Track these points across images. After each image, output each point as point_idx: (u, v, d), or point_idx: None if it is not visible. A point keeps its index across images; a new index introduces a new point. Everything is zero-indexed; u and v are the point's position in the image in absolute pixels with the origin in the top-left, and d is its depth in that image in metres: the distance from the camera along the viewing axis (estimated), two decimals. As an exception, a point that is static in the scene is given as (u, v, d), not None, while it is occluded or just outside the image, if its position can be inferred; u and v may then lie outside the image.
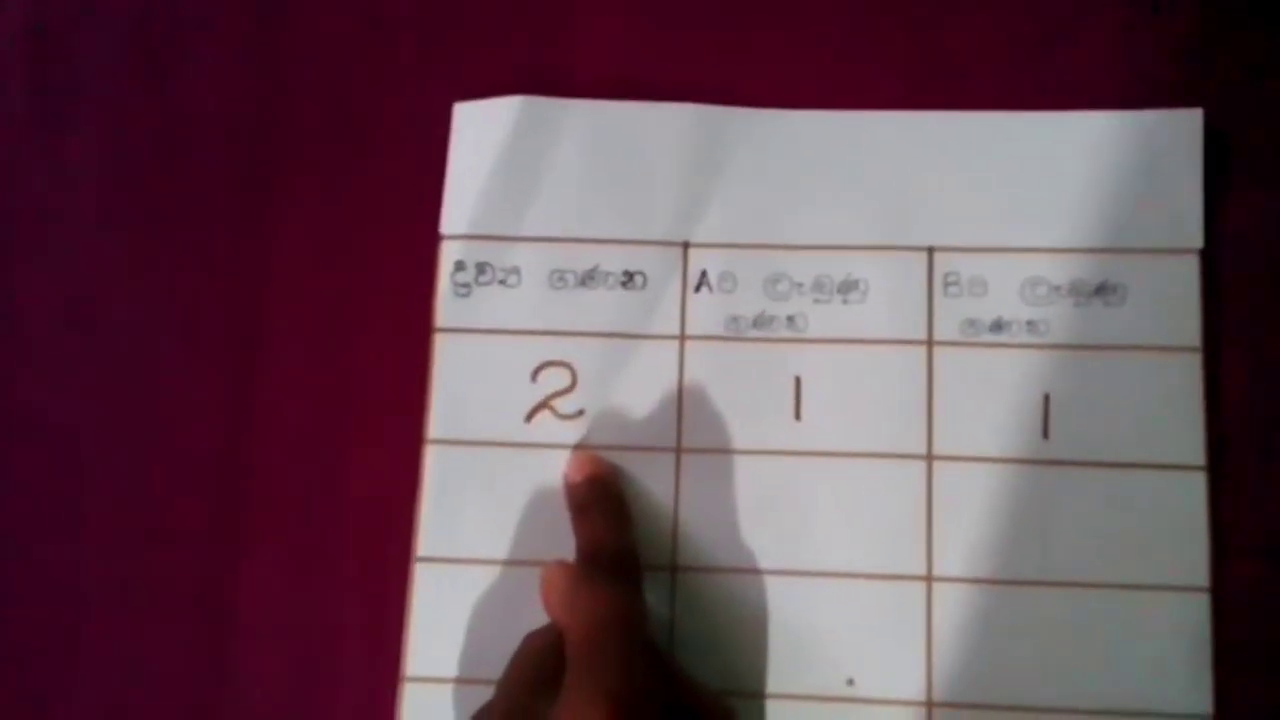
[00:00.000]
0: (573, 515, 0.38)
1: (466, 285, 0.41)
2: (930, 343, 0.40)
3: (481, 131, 0.42)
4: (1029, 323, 0.40)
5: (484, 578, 0.39)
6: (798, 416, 0.40)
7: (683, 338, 0.41)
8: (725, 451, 0.40)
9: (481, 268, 0.41)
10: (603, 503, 0.38)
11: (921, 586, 0.38)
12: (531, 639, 0.34)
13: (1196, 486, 0.38)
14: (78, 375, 0.42)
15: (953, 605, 0.38)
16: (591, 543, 0.36)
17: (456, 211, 0.42)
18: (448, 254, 0.41)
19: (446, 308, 0.41)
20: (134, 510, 0.41)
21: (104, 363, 0.42)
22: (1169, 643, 0.37)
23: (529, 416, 0.40)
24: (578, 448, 0.40)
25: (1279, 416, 0.39)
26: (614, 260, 0.41)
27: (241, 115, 0.44)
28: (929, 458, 0.39)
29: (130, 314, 0.43)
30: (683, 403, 0.40)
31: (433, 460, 0.40)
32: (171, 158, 0.44)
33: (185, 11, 0.44)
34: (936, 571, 0.38)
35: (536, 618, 0.35)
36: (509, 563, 0.39)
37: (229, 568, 0.40)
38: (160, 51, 0.44)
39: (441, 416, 0.41)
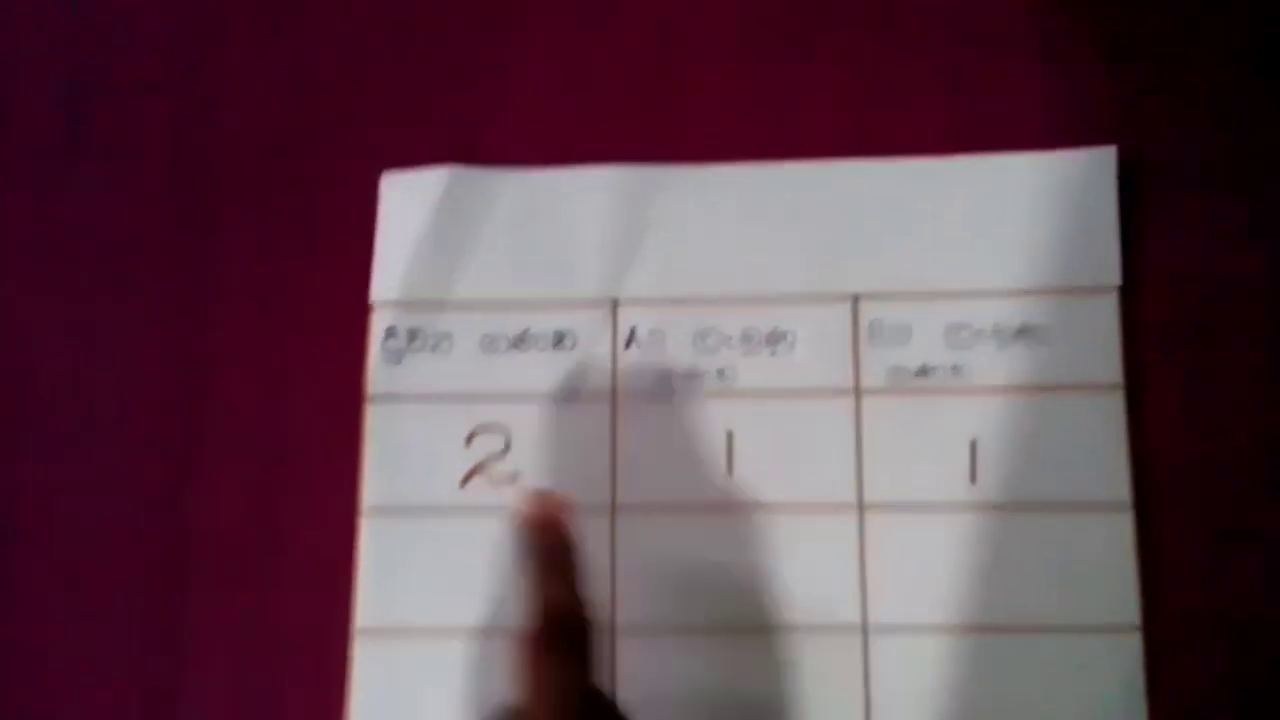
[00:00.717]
0: (523, 563, 0.35)
1: (398, 352, 0.41)
2: (858, 391, 0.40)
3: (410, 201, 0.42)
4: (954, 367, 0.40)
5: (425, 646, 0.40)
6: (730, 470, 0.40)
7: (614, 396, 0.41)
8: (660, 509, 0.40)
9: (413, 334, 0.42)
10: (552, 551, 0.35)
11: (858, 636, 0.38)
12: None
13: (1124, 525, 0.38)
14: (15, 445, 0.42)
15: (890, 653, 0.38)
16: (544, 600, 0.33)
17: (387, 279, 0.42)
18: (379, 321, 0.42)
19: (378, 375, 0.41)
20: (71, 580, 0.41)
21: (41, 432, 0.43)
22: (1103, 683, 0.37)
23: (464, 482, 0.41)
24: (533, 490, 0.38)
25: (1203, 451, 0.39)
26: (544, 322, 0.41)
27: (173, 187, 0.44)
28: (860, 507, 0.39)
29: (66, 384, 0.43)
30: (616, 461, 0.40)
31: (369, 529, 0.40)
32: (104, 231, 0.44)
33: (115, 82, 0.45)
34: (872, 620, 0.39)
35: (478, 685, 0.36)
36: (449, 630, 0.40)
37: (169, 640, 0.41)
38: (91, 125, 0.44)
39: (376, 485, 0.41)
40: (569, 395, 0.41)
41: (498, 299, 0.42)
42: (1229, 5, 0.42)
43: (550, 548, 0.34)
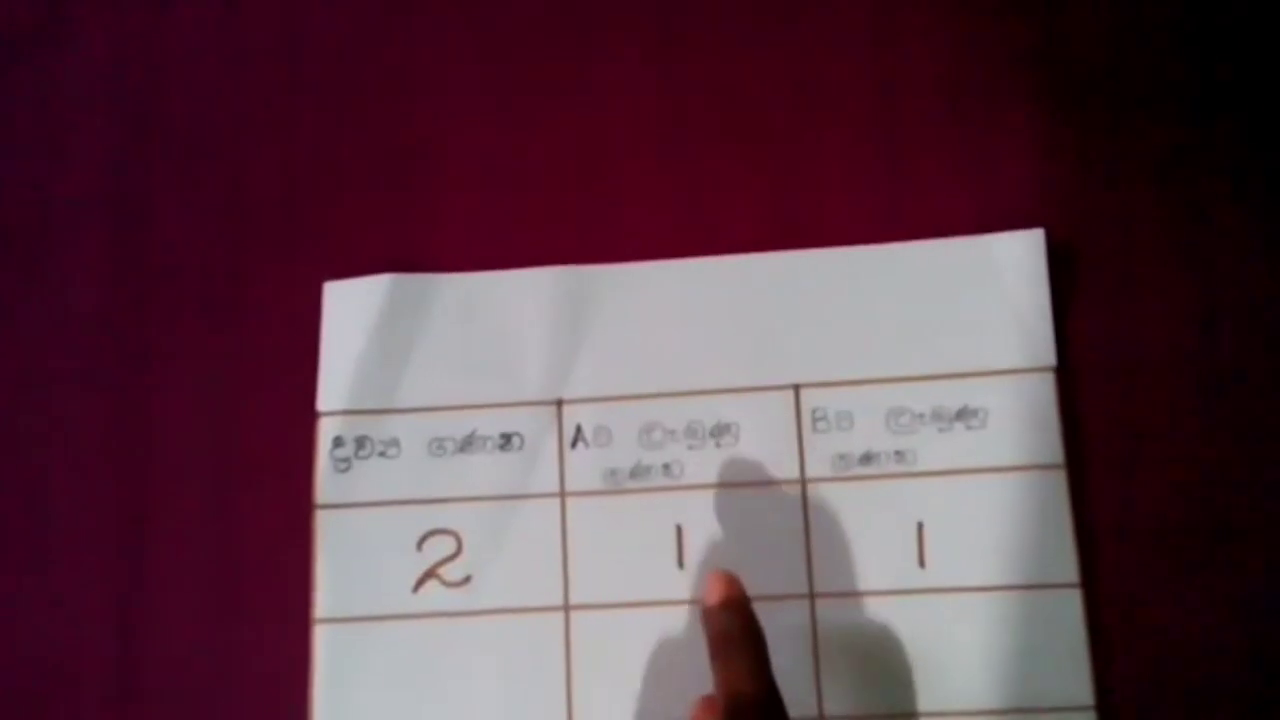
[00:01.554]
0: (710, 647, 0.35)
1: (346, 460, 0.42)
2: (803, 480, 0.40)
3: (352, 309, 0.43)
4: (897, 453, 0.40)
5: (383, 756, 0.39)
6: (680, 564, 0.40)
7: (563, 494, 0.41)
8: (612, 606, 0.40)
9: (360, 442, 0.42)
10: (741, 637, 0.34)
11: (814, 728, 0.38)
12: None
13: (1073, 604, 0.39)
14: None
15: (847, 744, 0.38)
16: (733, 687, 0.34)
17: (332, 388, 0.42)
18: (326, 430, 0.42)
19: (327, 484, 0.42)
20: (21, 690, 0.41)
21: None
22: (1060, 765, 0.37)
23: (416, 586, 0.41)
24: (713, 570, 0.36)
25: (1148, 528, 0.39)
26: (490, 424, 0.42)
27: (113, 303, 0.44)
28: (811, 596, 0.39)
29: (14, 489, 0.43)
30: (568, 560, 0.40)
31: (322, 640, 0.40)
32: (50, 346, 0.44)
33: (56, 191, 0.46)
34: (828, 712, 0.39)
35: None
36: (407, 738, 0.39)
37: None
38: (29, 238, 0.45)
39: (328, 594, 0.41)
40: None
41: (444, 403, 0.42)
42: (1155, 90, 0.43)
43: (737, 630, 0.34)
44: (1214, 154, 0.42)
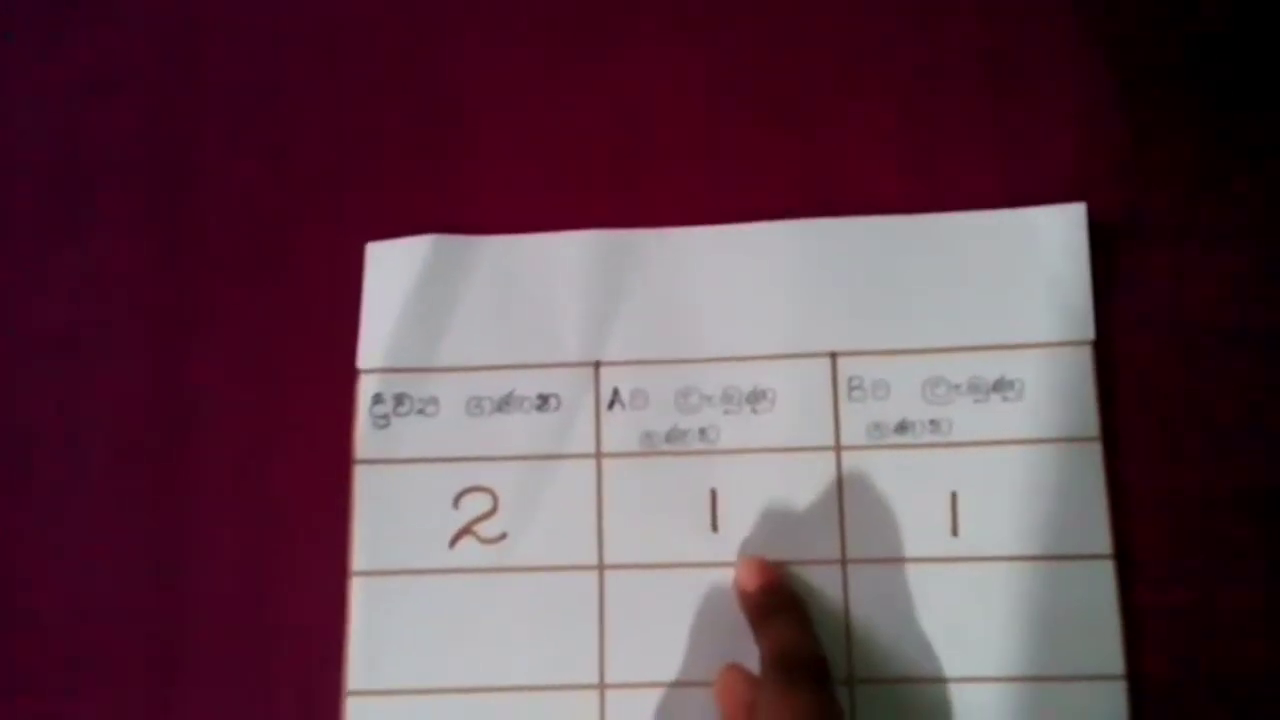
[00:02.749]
0: (754, 623, 0.37)
1: (385, 417, 0.42)
2: (838, 447, 0.41)
3: (394, 269, 0.43)
4: (932, 422, 0.40)
5: (417, 708, 0.40)
6: (714, 528, 0.40)
7: (599, 455, 0.41)
8: (646, 567, 0.40)
9: (399, 399, 0.42)
10: (786, 607, 0.37)
11: (844, 690, 0.39)
12: None
13: (1106, 574, 0.39)
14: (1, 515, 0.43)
15: (875, 706, 0.39)
16: (780, 647, 0.35)
17: (373, 347, 0.43)
18: (366, 388, 0.43)
19: (366, 440, 0.42)
20: (62, 648, 0.42)
21: (31, 492, 0.43)
22: (1089, 733, 0.38)
23: (452, 542, 0.41)
24: (744, 557, 0.39)
25: (1180, 501, 0.40)
26: (528, 384, 0.42)
27: (158, 262, 0.45)
28: (843, 562, 0.40)
29: (56, 451, 0.43)
30: (602, 520, 0.41)
31: (359, 592, 0.41)
32: (91, 302, 0.45)
33: (97, 162, 0.46)
34: (858, 673, 0.39)
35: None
36: (441, 690, 0.40)
37: (161, 707, 0.41)
38: (75, 197, 0.45)
39: (365, 548, 0.41)
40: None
41: (482, 363, 0.42)
42: (1196, 62, 0.43)
43: (781, 604, 0.37)
44: (1256, 131, 0.42)
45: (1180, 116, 0.42)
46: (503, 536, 0.41)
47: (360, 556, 0.41)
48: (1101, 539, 0.39)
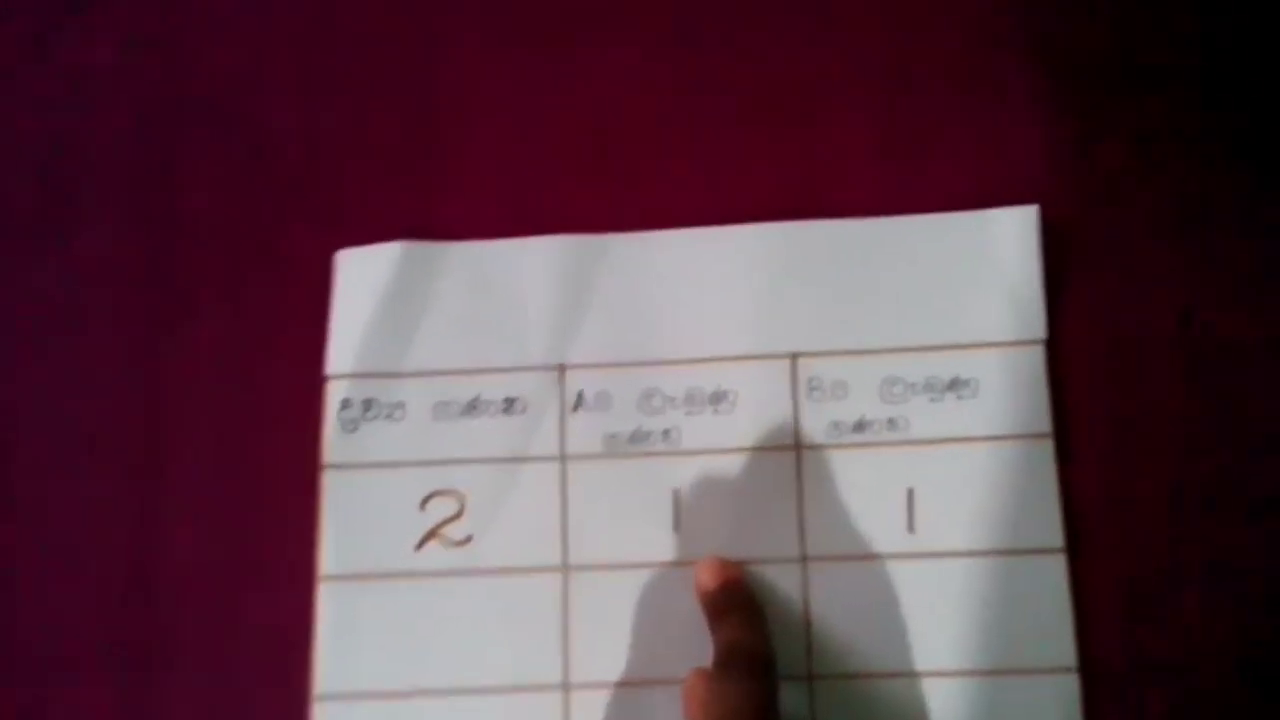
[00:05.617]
0: (710, 621, 0.38)
1: (353, 421, 0.43)
2: (798, 447, 0.41)
3: (363, 276, 0.44)
4: (889, 421, 0.41)
5: (385, 711, 0.40)
6: (677, 528, 0.41)
7: (563, 458, 0.42)
8: (610, 567, 0.41)
9: (367, 404, 0.43)
10: (738, 606, 0.38)
11: (803, 686, 0.39)
12: None
13: (1058, 568, 0.40)
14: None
15: (835, 702, 0.39)
16: (728, 644, 0.36)
17: (342, 352, 0.43)
18: (334, 393, 0.43)
19: (334, 444, 0.43)
20: (32, 650, 0.42)
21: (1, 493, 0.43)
22: (1043, 725, 0.38)
23: (419, 546, 0.42)
24: (704, 557, 0.40)
25: (1133, 497, 0.40)
26: (495, 388, 0.43)
27: (130, 264, 0.45)
28: (803, 559, 0.40)
29: (28, 453, 0.44)
30: (566, 521, 0.41)
31: (327, 596, 0.41)
32: (65, 304, 0.45)
33: (75, 164, 0.47)
34: (816, 670, 0.40)
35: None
36: (408, 693, 0.40)
37: (131, 710, 0.41)
38: (53, 203, 0.46)
39: (333, 552, 0.42)
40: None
41: (450, 367, 0.43)
42: (1153, 72, 0.44)
43: (736, 603, 0.38)
44: (1208, 137, 0.43)
45: (1136, 122, 0.43)
46: (468, 539, 0.42)
47: (328, 560, 0.42)
48: (1054, 534, 0.40)
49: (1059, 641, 0.39)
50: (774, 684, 0.36)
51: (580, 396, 0.42)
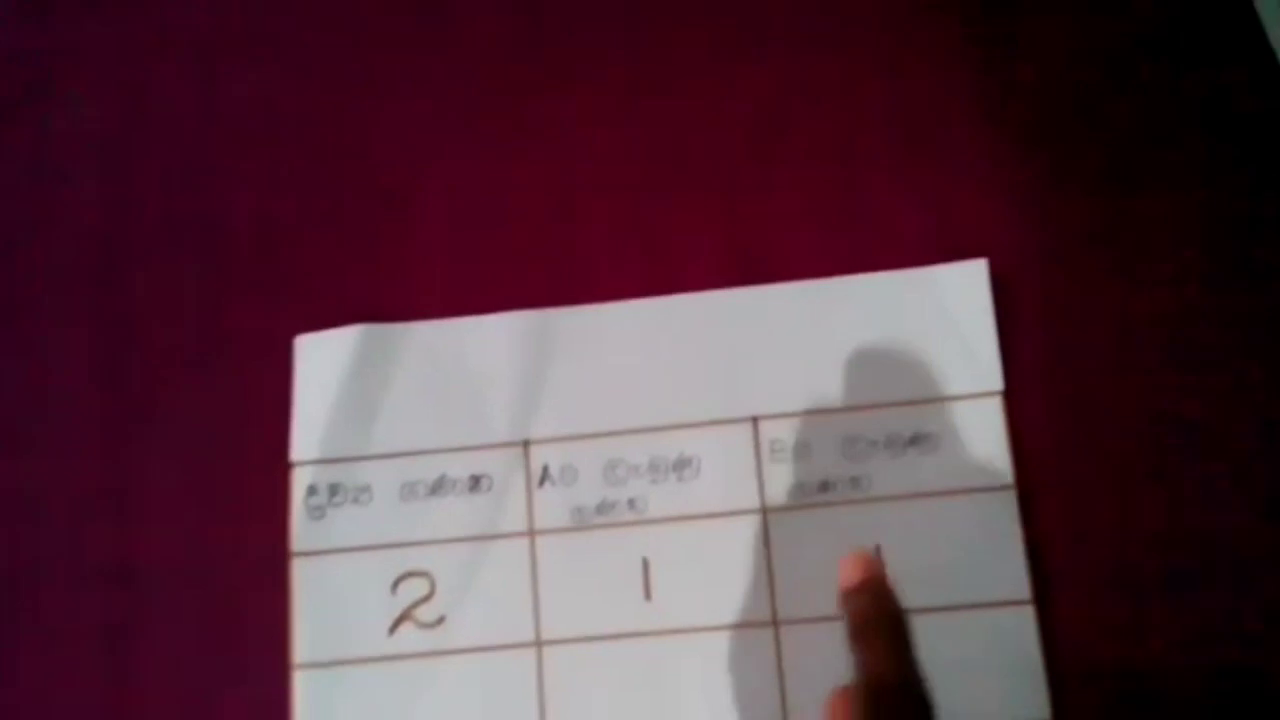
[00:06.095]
0: (850, 633, 0.33)
1: (320, 508, 0.43)
2: (764, 510, 0.42)
3: (323, 360, 0.44)
4: (852, 479, 0.42)
5: (364, 797, 0.40)
6: (648, 597, 0.41)
7: (532, 533, 0.42)
8: (583, 640, 0.41)
9: (334, 489, 0.43)
10: (883, 620, 0.33)
11: (782, 753, 0.39)
12: None
13: (1026, 620, 0.40)
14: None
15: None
16: (873, 674, 0.32)
17: (305, 438, 0.43)
18: (299, 479, 0.43)
19: (302, 531, 0.43)
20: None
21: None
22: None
23: (392, 629, 0.42)
24: (851, 552, 0.34)
25: (1096, 542, 0.41)
26: (460, 467, 0.43)
27: (92, 358, 0.46)
28: (775, 623, 0.41)
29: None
30: (538, 596, 0.41)
31: (301, 685, 0.41)
32: (29, 396, 0.45)
33: (30, 261, 0.47)
34: (795, 732, 0.40)
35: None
36: (387, 778, 0.40)
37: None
38: (6, 302, 0.46)
39: (306, 640, 0.42)
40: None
41: (414, 448, 0.43)
42: (1096, 124, 0.45)
43: (876, 611, 0.33)
44: (1153, 186, 0.44)
45: (1081, 173, 0.44)
46: (441, 620, 0.42)
47: (301, 648, 0.42)
48: (1020, 585, 0.40)
49: (1031, 695, 0.39)
50: None
51: (545, 471, 0.43)
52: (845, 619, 0.34)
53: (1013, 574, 0.40)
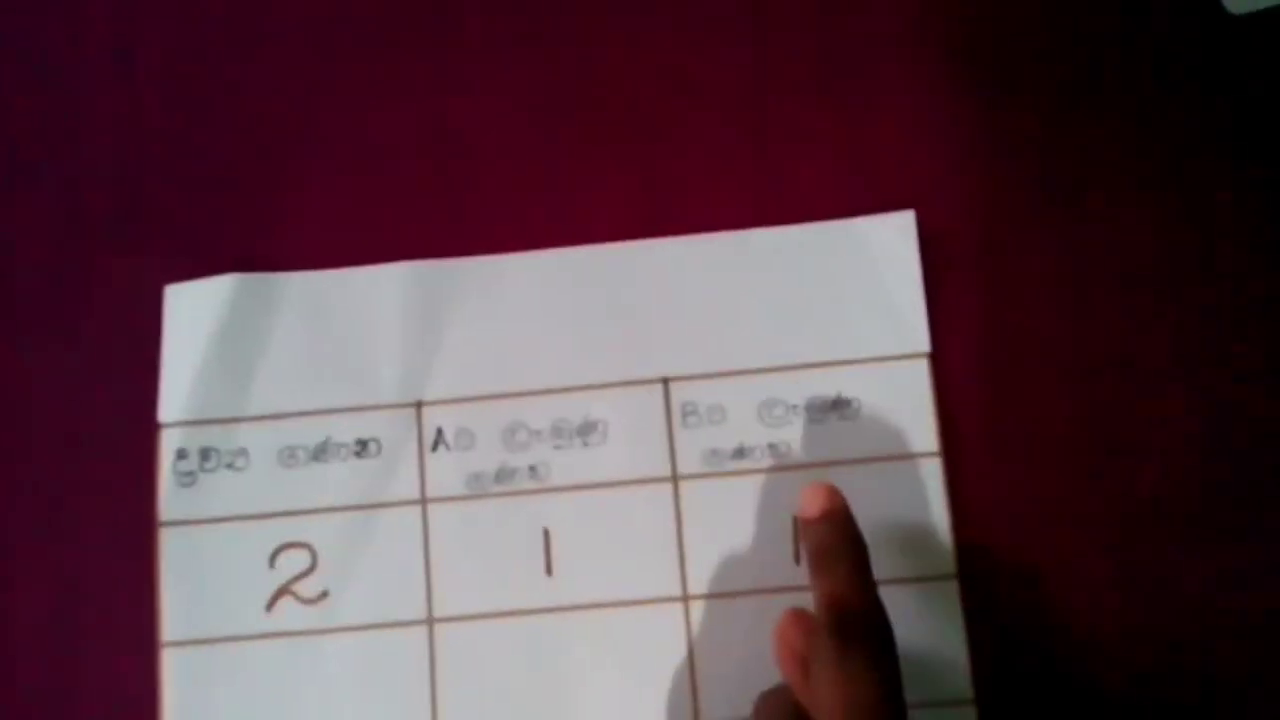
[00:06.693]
0: (810, 562, 0.33)
1: (191, 473, 0.39)
2: (675, 478, 0.39)
3: (195, 313, 0.40)
4: (770, 445, 0.39)
5: (238, 785, 0.37)
6: (549, 571, 0.38)
7: (424, 501, 0.39)
8: (479, 617, 0.38)
9: (206, 453, 0.39)
10: (844, 547, 0.32)
11: (689, 736, 0.37)
12: (767, 701, 0.33)
13: (950, 593, 0.38)
14: None
15: (723, 750, 0.37)
16: (835, 599, 0.32)
17: (175, 397, 0.40)
18: (168, 442, 0.39)
19: (171, 500, 0.39)
20: None
21: None
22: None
23: (270, 605, 0.39)
24: (812, 483, 0.34)
25: (1022, 514, 0.38)
26: (345, 430, 0.39)
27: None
28: (685, 599, 0.38)
29: None
30: (430, 570, 0.38)
31: (171, 664, 0.38)
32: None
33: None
34: (705, 715, 0.37)
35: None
36: (264, 765, 0.37)
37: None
38: None
39: (176, 617, 0.38)
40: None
41: (294, 409, 0.40)
42: (1027, 72, 0.42)
43: (838, 539, 0.33)
44: (1087, 136, 0.41)
45: (1013, 124, 0.41)
46: (324, 595, 0.38)
47: (170, 626, 0.38)
48: (945, 558, 0.38)
49: (956, 671, 0.37)
50: (895, 652, 0.31)
51: (439, 434, 0.39)
52: (806, 549, 0.33)
53: (938, 547, 0.38)
